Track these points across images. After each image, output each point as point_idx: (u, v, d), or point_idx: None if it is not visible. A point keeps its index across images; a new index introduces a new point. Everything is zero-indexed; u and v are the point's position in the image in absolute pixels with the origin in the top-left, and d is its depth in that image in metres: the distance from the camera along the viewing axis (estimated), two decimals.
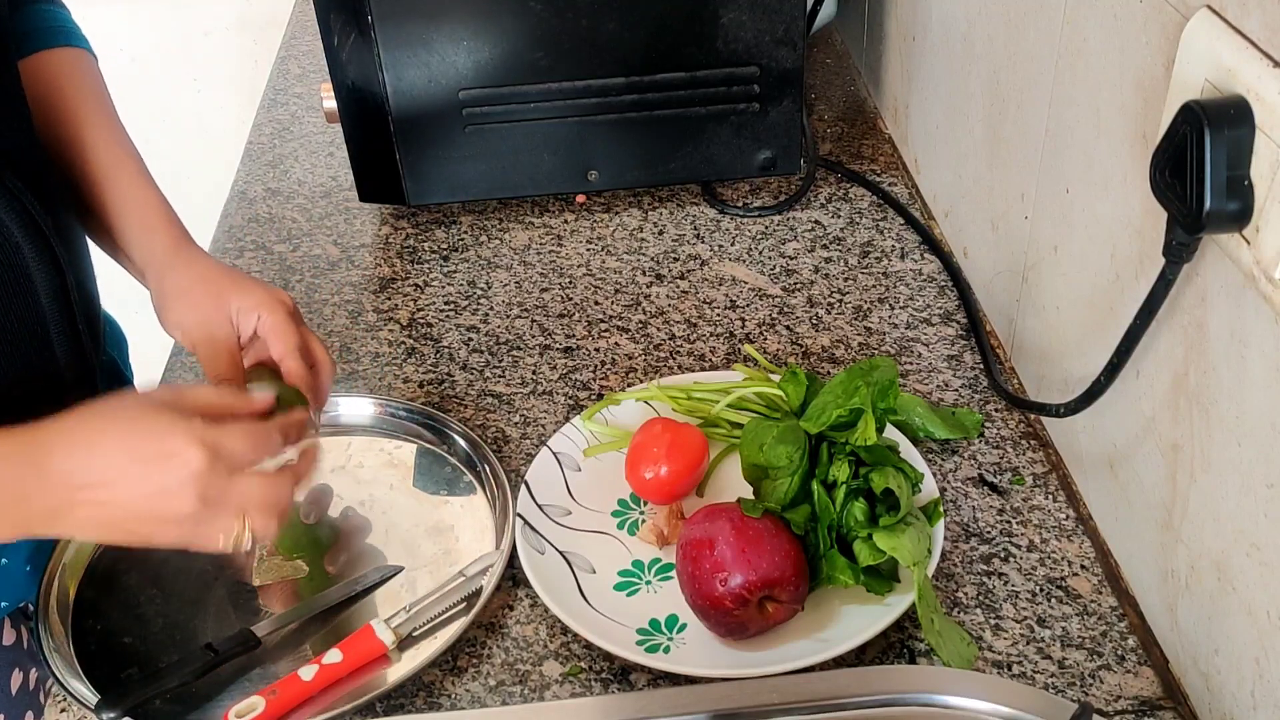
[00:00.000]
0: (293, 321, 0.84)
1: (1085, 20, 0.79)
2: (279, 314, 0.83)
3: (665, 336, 1.06)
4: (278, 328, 0.83)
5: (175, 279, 0.86)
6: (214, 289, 0.84)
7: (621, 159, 1.18)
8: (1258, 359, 0.62)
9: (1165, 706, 0.74)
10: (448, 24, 1.09)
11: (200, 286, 0.85)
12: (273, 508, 0.71)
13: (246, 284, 0.85)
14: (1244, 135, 0.58)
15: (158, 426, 0.67)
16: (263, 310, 0.83)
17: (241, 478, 0.69)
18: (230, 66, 2.21)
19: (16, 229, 0.79)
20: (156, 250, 0.88)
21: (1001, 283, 1.01)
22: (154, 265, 0.87)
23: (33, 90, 0.87)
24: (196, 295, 0.84)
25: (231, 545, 0.70)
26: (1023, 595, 0.81)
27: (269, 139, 1.40)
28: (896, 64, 1.29)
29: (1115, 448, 0.81)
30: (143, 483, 0.66)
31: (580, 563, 0.84)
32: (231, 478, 0.68)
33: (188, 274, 0.86)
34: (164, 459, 0.66)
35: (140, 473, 0.66)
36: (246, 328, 0.83)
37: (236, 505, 0.69)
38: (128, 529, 0.69)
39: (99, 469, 0.66)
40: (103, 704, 0.75)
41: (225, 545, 0.70)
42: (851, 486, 0.78)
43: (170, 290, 0.86)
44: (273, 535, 0.72)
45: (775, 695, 0.70)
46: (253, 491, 0.69)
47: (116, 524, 0.69)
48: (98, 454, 0.67)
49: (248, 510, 0.70)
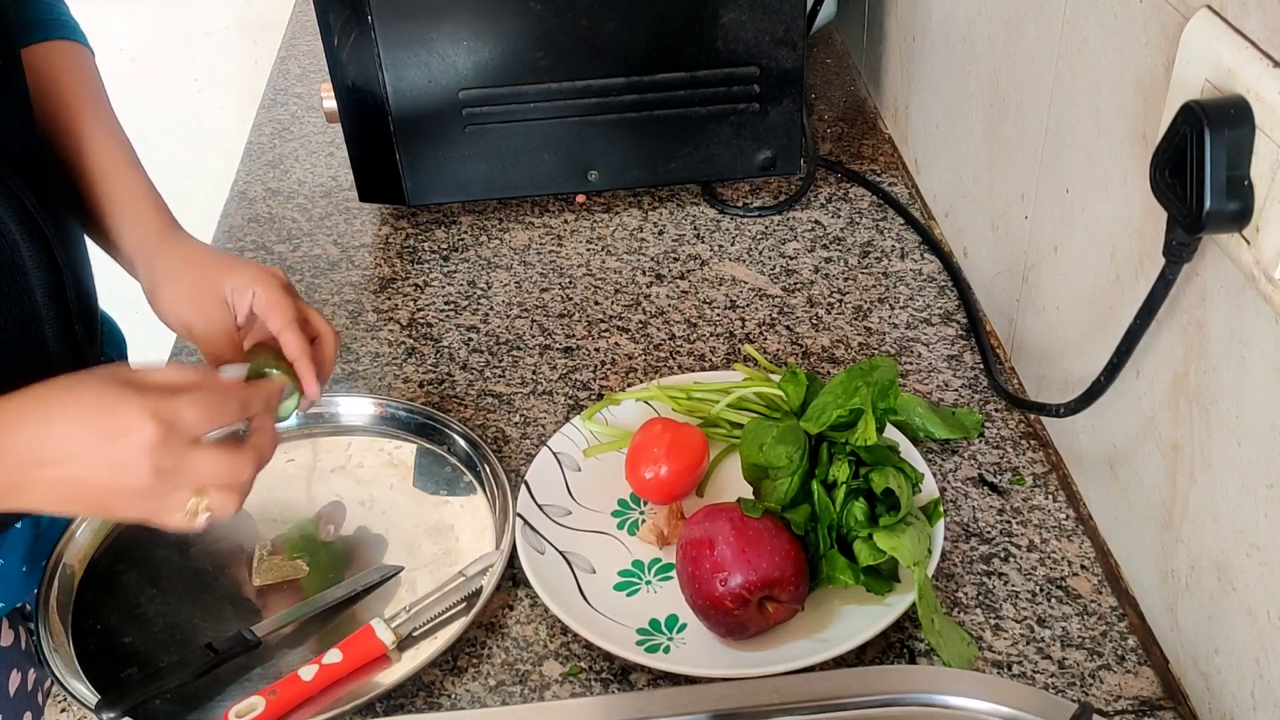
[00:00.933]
0: (287, 295, 0.82)
1: (1085, 20, 0.79)
2: (272, 288, 0.81)
3: (665, 336, 1.06)
4: (272, 302, 0.81)
5: (164, 264, 0.85)
6: (204, 271, 0.83)
7: (621, 159, 1.18)
8: (1258, 359, 0.62)
9: (1165, 706, 0.74)
10: (448, 24, 1.09)
11: (190, 269, 0.84)
12: (232, 484, 0.70)
13: (237, 263, 0.83)
14: (1244, 135, 0.58)
15: (112, 401, 0.66)
16: (256, 286, 0.81)
17: (199, 451, 0.68)
18: (230, 66, 2.21)
19: (14, 227, 0.79)
20: (145, 238, 0.87)
21: (1001, 283, 1.01)
22: (143, 253, 0.86)
23: (28, 82, 0.86)
24: (187, 278, 0.83)
25: (191, 521, 0.70)
26: (1023, 595, 0.81)
27: (269, 139, 1.40)
28: (896, 64, 1.29)
29: (1115, 448, 0.81)
30: (97, 457, 0.66)
31: (580, 563, 0.84)
32: (188, 450, 0.67)
33: (177, 258, 0.85)
34: (118, 433, 0.66)
35: (94, 447, 0.66)
36: (242, 306, 0.82)
37: (193, 479, 0.68)
38: (86, 503, 0.69)
39: (54, 445, 0.66)
40: (103, 704, 0.75)
41: (185, 521, 0.69)
42: (851, 486, 0.78)
43: (160, 275, 0.85)
44: (232, 512, 0.71)
45: (775, 695, 0.70)
46: (210, 466, 0.69)
47: (75, 498, 0.69)
48: (54, 430, 0.66)
49: (205, 485, 0.69)
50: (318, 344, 0.83)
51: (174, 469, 0.67)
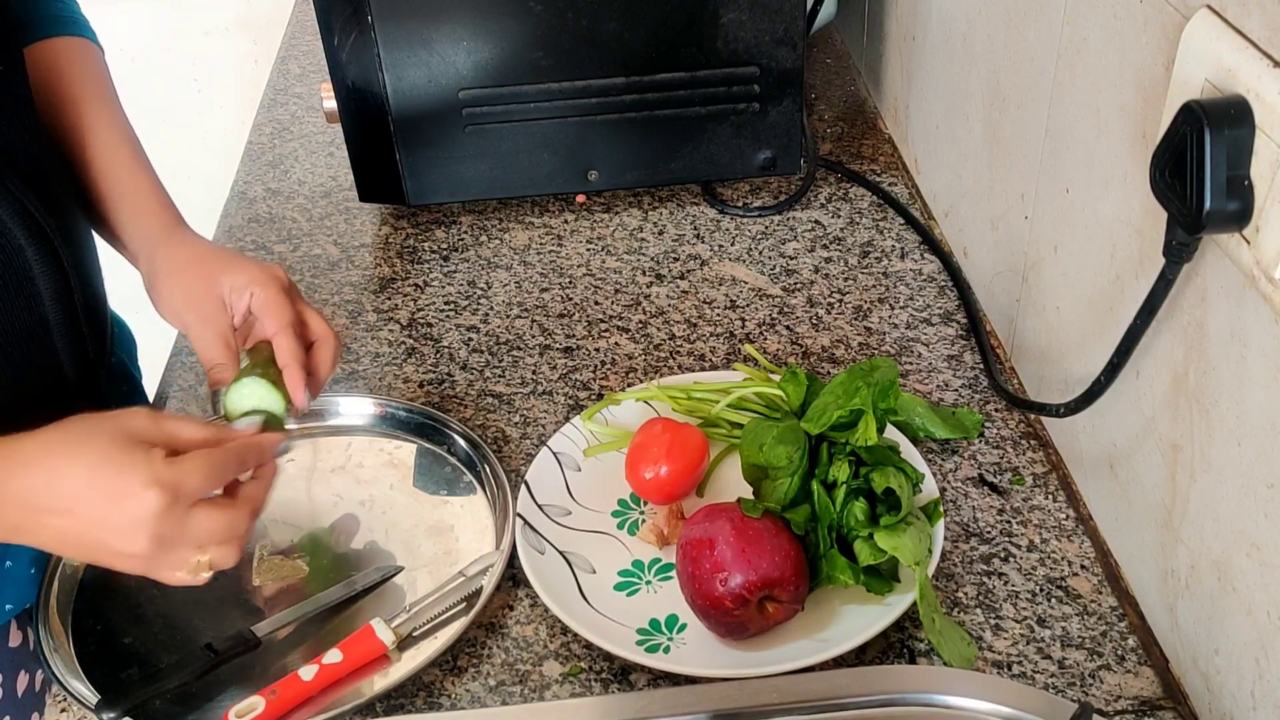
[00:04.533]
0: (286, 297, 0.82)
1: (1085, 20, 0.79)
2: (271, 289, 0.81)
3: (665, 336, 1.06)
4: (270, 304, 0.80)
5: (165, 260, 0.85)
6: (205, 268, 0.83)
7: (621, 159, 1.18)
8: (1258, 359, 0.62)
9: (1165, 706, 0.74)
10: (448, 24, 1.09)
11: (191, 266, 0.83)
12: (230, 539, 0.70)
13: (238, 262, 0.83)
14: (1244, 135, 0.58)
15: (118, 462, 0.66)
16: (255, 287, 0.81)
17: (198, 513, 0.68)
18: (230, 66, 2.22)
19: (19, 232, 0.79)
20: (148, 233, 0.87)
21: (1001, 283, 1.01)
22: (145, 248, 0.86)
23: (34, 77, 0.86)
24: (187, 275, 0.83)
25: (193, 577, 0.70)
26: (1023, 595, 0.81)
27: (269, 139, 1.40)
28: (896, 64, 1.29)
29: (1115, 448, 0.81)
30: (98, 517, 0.66)
31: (580, 563, 0.84)
32: (189, 515, 0.67)
33: (178, 254, 0.85)
34: (121, 497, 0.65)
35: (97, 506, 0.66)
36: (240, 306, 0.82)
37: (193, 541, 0.68)
38: (87, 554, 0.70)
39: (60, 495, 0.66)
40: (103, 704, 0.75)
41: (186, 578, 0.70)
42: (852, 486, 0.78)
43: (160, 271, 0.84)
44: (233, 564, 0.71)
45: (775, 695, 0.70)
46: (209, 526, 0.68)
47: (75, 548, 0.69)
48: (60, 480, 0.66)
49: (206, 545, 0.69)
50: (316, 348, 0.82)
51: (175, 535, 0.67)
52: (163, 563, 0.69)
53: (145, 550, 0.67)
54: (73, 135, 0.89)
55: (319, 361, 0.82)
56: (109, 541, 0.67)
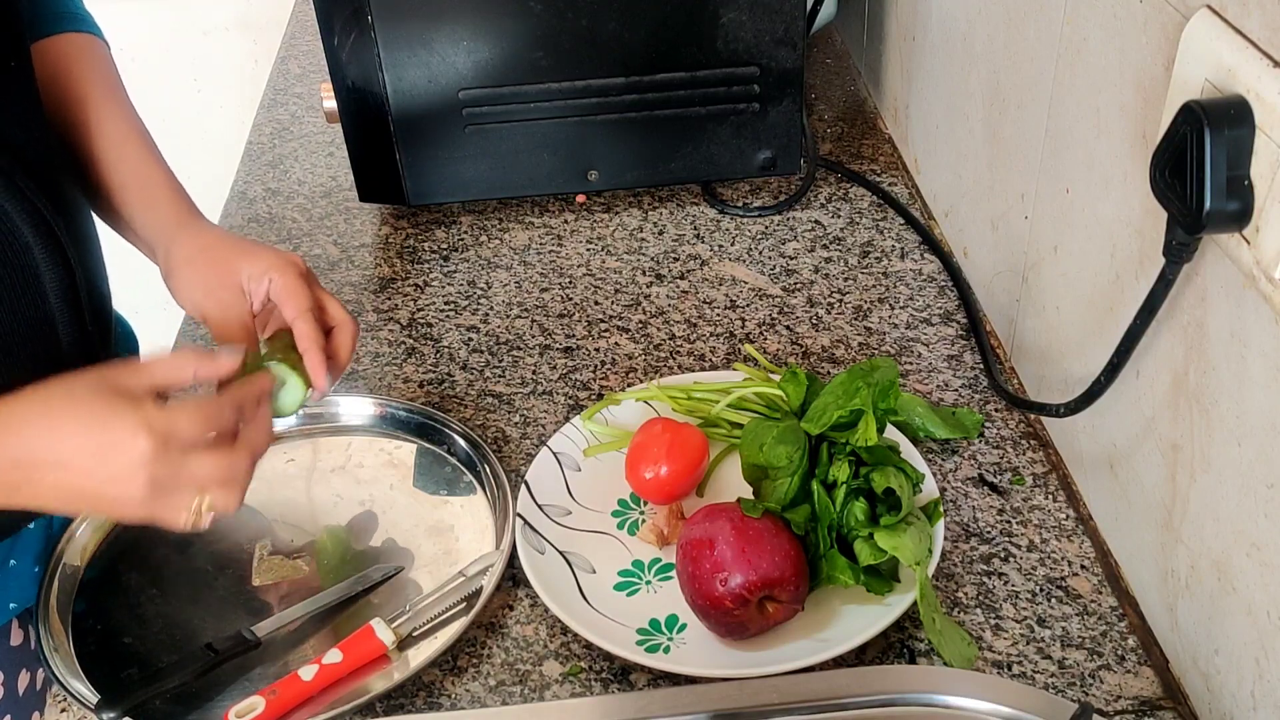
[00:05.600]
0: (304, 283, 0.81)
1: (1085, 20, 0.79)
2: (289, 275, 0.81)
3: (665, 336, 1.06)
4: (288, 289, 0.80)
5: (182, 249, 0.85)
6: (221, 256, 0.83)
7: (621, 159, 1.18)
8: (1258, 359, 0.62)
9: (1165, 706, 0.74)
10: (448, 24, 1.09)
11: (207, 255, 0.83)
12: (230, 482, 0.71)
13: (255, 249, 0.83)
14: (1244, 135, 0.58)
15: (105, 413, 0.67)
16: (273, 273, 0.81)
17: (196, 456, 0.68)
18: (230, 66, 2.21)
19: (26, 229, 0.79)
20: (162, 223, 0.87)
21: (1001, 283, 1.01)
22: (161, 238, 0.86)
23: (41, 73, 0.85)
24: (203, 264, 0.83)
25: (196, 521, 0.70)
26: (1023, 595, 0.81)
27: (269, 139, 1.40)
28: (896, 64, 1.29)
29: (1115, 448, 0.81)
30: (94, 468, 0.67)
31: (580, 563, 0.84)
32: (185, 458, 0.68)
33: (194, 243, 0.85)
34: (112, 447, 0.66)
35: (91, 457, 0.66)
36: (259, 294, 0.82)
37: (192, 483, 0.69)
38: (86, 506, 0.71)
39: (53, 452, 0.67)
40: (103, 704, 0.75)
41: (189, 521, 0.70)
42: (852, 486, 0.78)
43: (177, 261, 0.84)
44: (235, 508, 0.71)
45: (775, 695, 0.70)
46: (207, 468, 0.69)
47: (74, 502, 0.70)
48: (52, 437, 0.67)
49: (205, 488, 0.69)
50: (335, 333, 0.82)
51: (171, 478, 0.68)
52: (163, 507, 0.69)
53: (142, 495, 0.67)
54: (82, 130, 0.89)
55: (338, 346, 0.82)
56: (107, 491, 0.67)
